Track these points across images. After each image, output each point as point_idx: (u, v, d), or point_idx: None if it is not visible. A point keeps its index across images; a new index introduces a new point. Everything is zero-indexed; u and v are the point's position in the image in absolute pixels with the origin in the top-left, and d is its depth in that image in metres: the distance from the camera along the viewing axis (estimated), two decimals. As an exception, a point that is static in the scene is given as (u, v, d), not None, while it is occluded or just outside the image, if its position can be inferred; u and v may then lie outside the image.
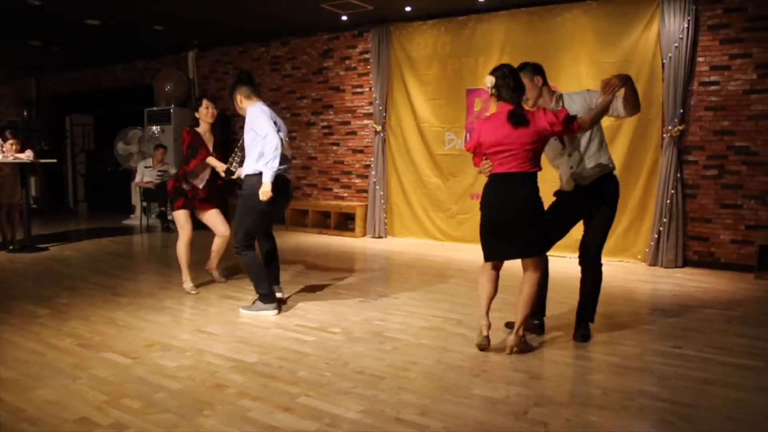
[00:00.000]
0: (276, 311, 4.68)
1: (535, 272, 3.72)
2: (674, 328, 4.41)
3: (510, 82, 3.60)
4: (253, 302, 4.77)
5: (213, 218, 5.51)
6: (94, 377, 3.31)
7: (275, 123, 4.57)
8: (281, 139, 4.57)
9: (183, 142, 5.38)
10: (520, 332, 3.72)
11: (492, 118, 3.69)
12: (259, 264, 4.73)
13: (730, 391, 3.19)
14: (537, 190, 3.69)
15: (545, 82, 3.97)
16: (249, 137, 4.57)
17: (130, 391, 3.12)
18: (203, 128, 5.41)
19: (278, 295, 4.96)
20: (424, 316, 4.62)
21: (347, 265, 6.83)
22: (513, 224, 3.65)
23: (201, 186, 5.38)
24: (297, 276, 5.96)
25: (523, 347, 3.77)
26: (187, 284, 5.40)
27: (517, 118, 3.53)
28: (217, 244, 5.66)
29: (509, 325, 4.17)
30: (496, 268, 3.86)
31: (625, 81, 3.68)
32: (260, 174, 4.48)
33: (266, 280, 4.71)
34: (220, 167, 5.27)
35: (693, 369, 3.52)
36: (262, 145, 4.46)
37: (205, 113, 5.36)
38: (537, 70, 3.95)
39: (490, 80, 3.65)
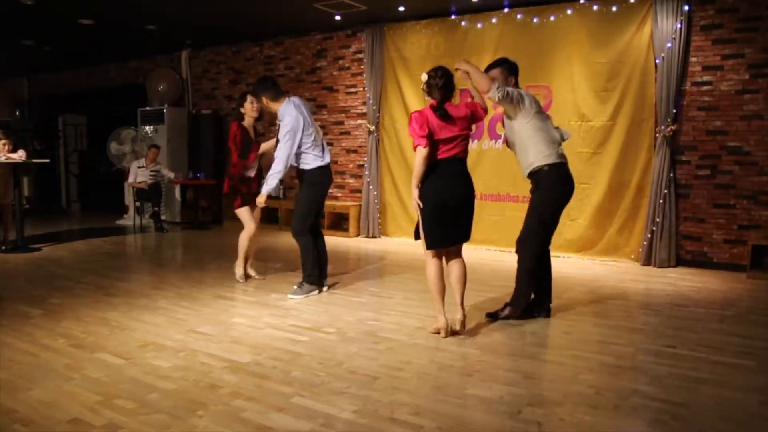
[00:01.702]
0: (318, 291, 5.30)
1: (460, 255, 4.12)
2: (667, 328, 4.43)
3: (439, 82, 3.94)
4: (300, 285, 5.20)
5: (257, 213, 5.79)
6: (88, 378, 3.30)
7: (303, 116, 5.00)
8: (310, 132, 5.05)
9: (232, 136, 5.63)
10: (464, 308, 4.12)
11: (428, 110, 3.96)
12: (315, 248, 5.17)
13: (723, 390, 3.20)
14: None
15: (516, 84, 4.43)
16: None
17: (123, 391, 3.11)
18: (248, 122, 5.72)
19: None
20: (417, 316, 4.62)
21: (341, 265, 6.82)
22: (465, 208, 4.03)
23: (252, 175, 5.70)
24: (291, 276, 5.95)
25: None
26: (239, 270, 5.79)
27: (441, 111, 3.90)
28: (254, 241, 5.87)
29: (490, 315, 4.53)
30: (442, 259, 4.12)
31: (469, 64, 4.22)
32: (321, 167, 5.09)
33: (317, 264, 5.21)
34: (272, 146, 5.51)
35: (686, 368, 3.53)
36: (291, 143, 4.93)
37: (250, 108, 5.64)
38: (513, 71, 4.44)
39: (423, 77, 4.01)
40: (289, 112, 4.96)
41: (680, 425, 2.79)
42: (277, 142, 5.09)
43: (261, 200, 5.16)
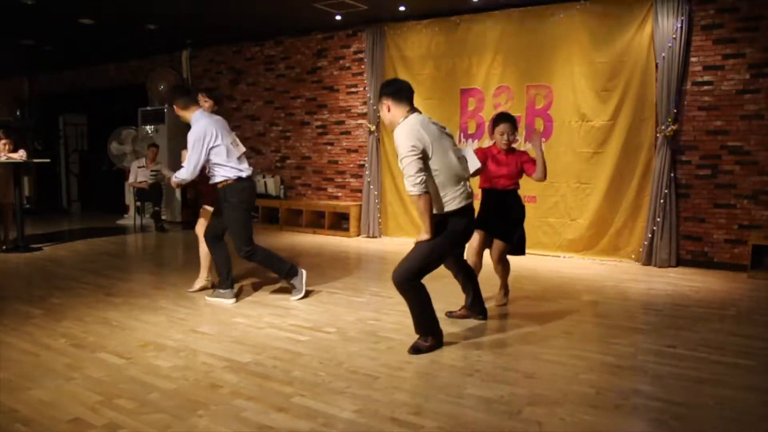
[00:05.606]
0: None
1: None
2: (667, 328, 4.43)
3: None
4: (292, 287, 5.08)
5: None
6: (88, 377, 3.30)
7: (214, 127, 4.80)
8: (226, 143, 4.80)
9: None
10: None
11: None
12: (273, 253, 5.05)
13: (723, 390, 3.20)
14: None
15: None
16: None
17: (123, 391, 3.11)
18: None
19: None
20: (418, 316, 4.61)
21: (341, 265, 6.82)
22: None
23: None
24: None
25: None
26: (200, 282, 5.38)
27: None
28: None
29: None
30: None
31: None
32: (238, 179, 4.78)
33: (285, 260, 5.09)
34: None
35: (686, 368, 3.53)
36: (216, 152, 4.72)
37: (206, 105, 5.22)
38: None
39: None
40: (199, 122, 4.77)
41: (680, 425, 2.79)
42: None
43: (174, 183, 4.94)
